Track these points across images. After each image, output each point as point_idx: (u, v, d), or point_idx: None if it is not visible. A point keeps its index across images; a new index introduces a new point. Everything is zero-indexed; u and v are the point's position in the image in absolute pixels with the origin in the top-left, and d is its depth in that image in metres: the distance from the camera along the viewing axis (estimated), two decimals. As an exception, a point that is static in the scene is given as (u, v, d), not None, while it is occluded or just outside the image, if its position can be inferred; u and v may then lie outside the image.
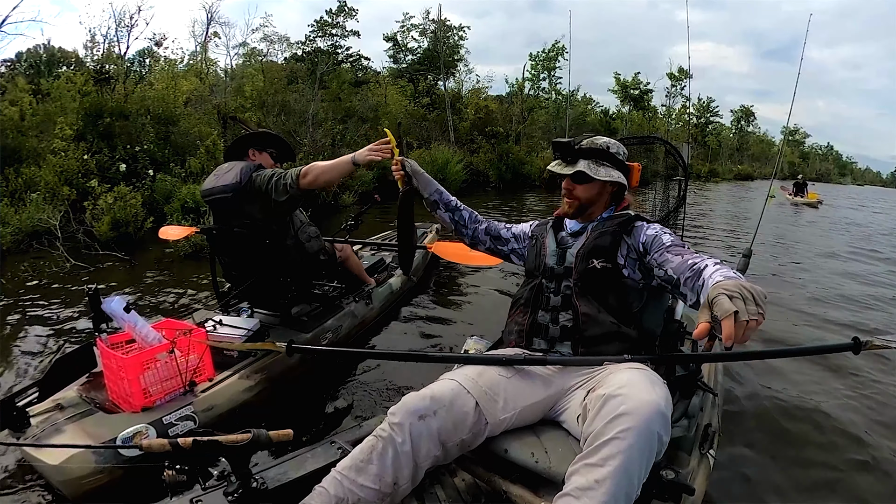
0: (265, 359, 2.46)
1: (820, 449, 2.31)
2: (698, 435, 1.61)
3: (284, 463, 1.51)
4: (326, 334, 2.87)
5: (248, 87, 11.86)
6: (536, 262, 1.67)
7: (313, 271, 2.97)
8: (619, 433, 1.06)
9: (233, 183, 2.43)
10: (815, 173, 49.20)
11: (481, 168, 15.39)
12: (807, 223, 11.94)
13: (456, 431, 1.33)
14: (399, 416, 1.32)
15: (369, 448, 1.31)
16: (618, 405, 1.10)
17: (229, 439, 1.23)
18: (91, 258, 5.31)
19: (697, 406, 1.69)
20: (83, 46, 11.58)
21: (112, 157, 7.76)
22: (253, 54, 16.12)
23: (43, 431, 1.81)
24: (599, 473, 1.05)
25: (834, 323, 4.06)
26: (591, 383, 1.36)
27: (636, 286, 1.49)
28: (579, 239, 1.60)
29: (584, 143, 1.57)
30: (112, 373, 2.01)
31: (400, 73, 20.70)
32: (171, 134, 8.76)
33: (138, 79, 11.64)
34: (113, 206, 5.75)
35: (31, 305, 3.89)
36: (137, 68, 14.32)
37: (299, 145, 9.55)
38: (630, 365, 1.28)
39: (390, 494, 1.29)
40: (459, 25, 20.69)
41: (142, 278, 4.69)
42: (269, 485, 1.38)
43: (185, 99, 10.35)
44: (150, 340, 2.05)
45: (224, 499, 1.28)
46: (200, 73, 13.37)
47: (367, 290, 3.41)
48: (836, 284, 5.43)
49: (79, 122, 7.96)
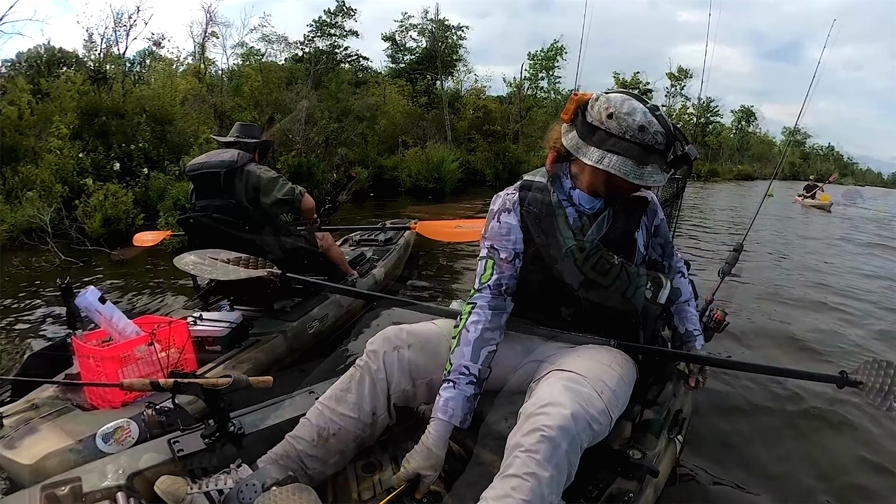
0: (251, 350, 2.46)
1: (788, 439, 2.31)
2: (668, 419, 1.63)
3: (262, 409, 1.52)
4: (313, 322, 2.87)
5: (246, 87, 11.97)
6: (548, 254, 1.35)
7: (296, 259, 2.97)
8: (533, 445, 1.04)
9: (229, 160, 2.59)
10: (816, 174, 48.93)
11: (478, 167, 15.44)
12: (814, 225, 11.05)
13: (426, 370, 1.36)
14: (376, 344, 1.36)
15: (348, 378, 1.36)
16: (529, 413, 1.10)
17: (209, 382, 1.30)
18: (79, 254, 5.40)
19: (671, 391, 1.73)
20: (83, 46, 11.70)
21: (107, 156, 7.86)
22: (251, 54, 16.22)
23: (17, 431, 1.71)
24: (513, 483, 1.03)
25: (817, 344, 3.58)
26: (559, 357, 1.32)
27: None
28: (596, 224, 1.34)
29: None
30: (89, 371, 1.90)
31: (398, 73, 20.76)
32: (167, 133, 8.85)
33: (137, 79, 11.75)
34: (104, 203, 5.83)
35: (18, 301, 3.97)
36: (138, 68, 14.43)
37: (291, 143, 9.60)
38: (600, 354, 1.31)
39: (370, 425, 1.34)
40: (458, 25, 20.75)
41: (125, 275, 4.72)
42: (246, 429, 1.40)
43: (182, 98, 10.45)
44: (128, 333, 1.96)
45: (201, 440, 1.32)
46: (199, 72, 13.45)
47: (350, 280, 3.40)
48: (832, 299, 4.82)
49: (75, 120, 8.06)
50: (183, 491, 1.15)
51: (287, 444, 1.32)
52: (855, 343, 3.48)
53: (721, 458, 2.11)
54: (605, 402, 1.15)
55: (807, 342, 3.45)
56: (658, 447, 1.53)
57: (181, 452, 1.30)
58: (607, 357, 1.30)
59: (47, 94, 9.02)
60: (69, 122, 7.81)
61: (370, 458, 1.52)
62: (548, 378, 1.20)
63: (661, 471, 1.45)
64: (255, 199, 2.62)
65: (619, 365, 1.30)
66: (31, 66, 11.09)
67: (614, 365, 1.28)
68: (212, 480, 1.19)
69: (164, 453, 1.30)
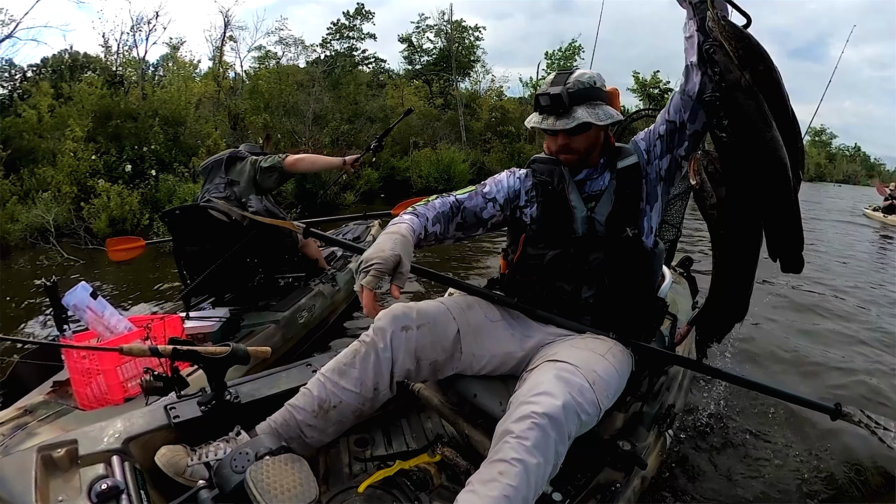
0: (245, 341, 2.46)
1: (777, 438, 2.30)
2: (660, 413, 1.63)
3: (259, 380, 1.52)
4: (302, 313, 2.90)
5: (263, 86, 12.14)
6: (560, 226, 1.42)
7: (278, 254, 3.04)
8: (523, 432, 1.05)
9: (231, 150, 2.99)
10: (842, 175, 47.45)
11: (492, 167, 15.41)
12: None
13: (432, 350, 1.36)
14: (384, 321, 1.34)
15: (353, 352, 1.34)
16: (521, 401, 1.11)
17: (208, 350, 1.30)
18: (81, 253, 5.55)
19: (664, 385, 1.73)
20: (102, 50, 12.02)
21: (120, 158, 8.07)
22: (266, 57, 16.47)
23: (13, 437, 1.65)
24: (501, 468, 1.04)
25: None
26: (555, 346, 1.34)
27: (654, 248, 1.45)
28: (604, 197, 1.41)
29: (571, 85, 1.34)
30: (81, 374, 1.81)
31: (415, 74, 20.85)
32: (180, 135, 9.05)
33: (157, 83, 12.03)
34: (108, 204, 6.00)
35: (21, 299, 4.09)
36: (162, 73, 14.77)
37: (299, 144, 9.72)
38: (595, 345, 1.31)
39: (371, 399, 1.33)
40: (475, 26, 20.75)
41: (117, 273, 4.78)
42: (242, 399, 1.40)
43: (198, 100, 10.67)
44: (120, 329, 1.91)
45: (197, 408, 1.33)
46: (217, 76, 13.72)
47: (329, 273, 3.44)
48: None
49: (89, 123, 8.30)
50: (184, 463, 1.16)
51: (286, 412, 1.32)
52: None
53: (710, 454, 2.14)
54: (595, 393, 1.15)
55: (809, 356, 3.30)
56: (648, 440, 1.53)
57: (177, 419, 1.30)
58: (602, 347, 1.31)
59: (69, 98, 9.32)
60: (84, 126, 8.02)
61: (363, 434, 1.54)
62: (541, 367, 1.22)
63: (650, 463, 1.46)
64: (251, 181, 2.83)
65: (614, 356, 1.30)
66: (54, 71, 11.44)
67: (609, 356, 1.28)
68: (211, 450, 1.20)
69: (160, 419, 1.29)
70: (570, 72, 1.38)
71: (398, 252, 1.16)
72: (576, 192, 1.42)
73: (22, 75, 11.49)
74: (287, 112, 10.57)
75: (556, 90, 1.33)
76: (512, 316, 1.47)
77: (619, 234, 1.37)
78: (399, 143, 14.10)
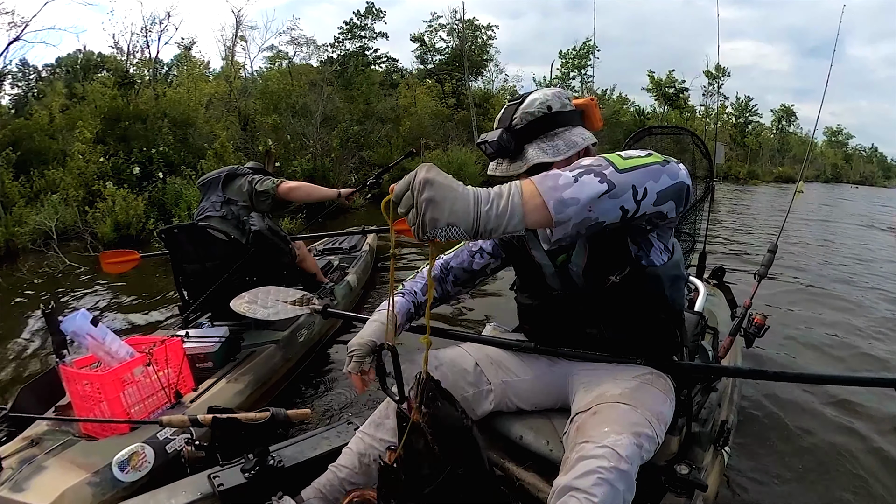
0: (247, 362, 2.44)
1: (835, 449, 2.22)
2: (714, 431, 1.58)
3: (301, 442, 1.54)
4: (301, 331, 2.87)
5: (275, 85, 12.11)
6: (534, 283, 1.33)
7: (277, 269, 2.98)
8: (590, 489, 0.98)
9: (230, 167, 2.88)
10: (858, 176, 46.37)
11: (504, 169, 15.25)
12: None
13: (457, 387, 1.34)
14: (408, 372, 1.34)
15: (385, 404, 1.36)
16: (583, 455, 1.03)
17: (248, 417, 1.31)
18: (84, 259, 5.47)
19: (715, 401, 1.68)
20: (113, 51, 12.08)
21: (128, 160, 8.06)
22: (277, 57, 16.48)
23: (20, 472, 1.56)
24: None
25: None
26: (589, 377, 1.30)
27: (662, 265, 1.21)
28: (577, 247, 1.22)
29: (518, 121, 1.17)
30: (84, 400, 1.76)
31: (427, 74, 20.76)
32: (188, 136, 9.03)
33: (169, 83, 12.06)
34: (113, 208, 5.97)
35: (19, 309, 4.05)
36: (175, 73, 14.83)
37: (307, 146, 9.65)
38: (634, 373, 1.24)
39: None
40: (488, 25, 20.60)
41: (116, 291, 4.67)
42: (286, 463, 1.42)
43: (208, 101, 10.67)
44: (122, 356, 1.84)
45: (241, 475, 1.33)
46: (229, 76, 13.74)
47: (327, 288, 3.42)
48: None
49: (98, 125, 8.30)
50: None
51: (330, 473, 1.33)
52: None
53: (768, 467, 2.08)
54: (654, 428, 1.11)
55: (851, 343, 3.32)
56: (705, 460, 1.49)
57: (221, 487, 1.31)
58: (646, 377, 1.24)
59: (82, 98, 9.35)
60: (93, 127, 8.03)
61: None
62: (596, 410, 1.15)
63: (710, 483, 1.42)
64: (248, 199, 2.74)
65: (658, 384, 1.24)
66: (68, 71, 11.54)
67: (655, 384, 1.23)
68: None
69: (205, 488, 1.32)
70: (519, 101, 1.20)
71: (373, 338, 1.25)
72: (539, 248, 1.27)
73: (37, 75, 11.62)
74: (296, 113, 10.49)
75: (495, 135, 1.16)
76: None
77: (601, 284, 1.20)
78: (410, 145, 14.03)
